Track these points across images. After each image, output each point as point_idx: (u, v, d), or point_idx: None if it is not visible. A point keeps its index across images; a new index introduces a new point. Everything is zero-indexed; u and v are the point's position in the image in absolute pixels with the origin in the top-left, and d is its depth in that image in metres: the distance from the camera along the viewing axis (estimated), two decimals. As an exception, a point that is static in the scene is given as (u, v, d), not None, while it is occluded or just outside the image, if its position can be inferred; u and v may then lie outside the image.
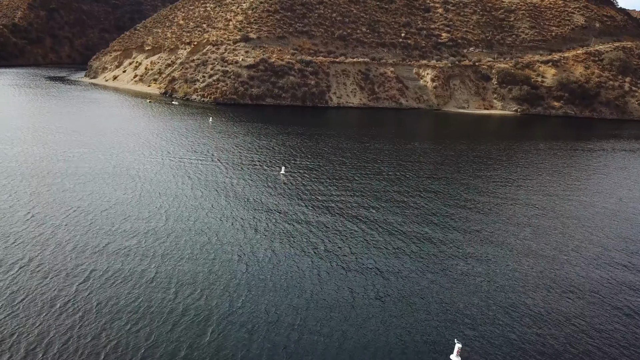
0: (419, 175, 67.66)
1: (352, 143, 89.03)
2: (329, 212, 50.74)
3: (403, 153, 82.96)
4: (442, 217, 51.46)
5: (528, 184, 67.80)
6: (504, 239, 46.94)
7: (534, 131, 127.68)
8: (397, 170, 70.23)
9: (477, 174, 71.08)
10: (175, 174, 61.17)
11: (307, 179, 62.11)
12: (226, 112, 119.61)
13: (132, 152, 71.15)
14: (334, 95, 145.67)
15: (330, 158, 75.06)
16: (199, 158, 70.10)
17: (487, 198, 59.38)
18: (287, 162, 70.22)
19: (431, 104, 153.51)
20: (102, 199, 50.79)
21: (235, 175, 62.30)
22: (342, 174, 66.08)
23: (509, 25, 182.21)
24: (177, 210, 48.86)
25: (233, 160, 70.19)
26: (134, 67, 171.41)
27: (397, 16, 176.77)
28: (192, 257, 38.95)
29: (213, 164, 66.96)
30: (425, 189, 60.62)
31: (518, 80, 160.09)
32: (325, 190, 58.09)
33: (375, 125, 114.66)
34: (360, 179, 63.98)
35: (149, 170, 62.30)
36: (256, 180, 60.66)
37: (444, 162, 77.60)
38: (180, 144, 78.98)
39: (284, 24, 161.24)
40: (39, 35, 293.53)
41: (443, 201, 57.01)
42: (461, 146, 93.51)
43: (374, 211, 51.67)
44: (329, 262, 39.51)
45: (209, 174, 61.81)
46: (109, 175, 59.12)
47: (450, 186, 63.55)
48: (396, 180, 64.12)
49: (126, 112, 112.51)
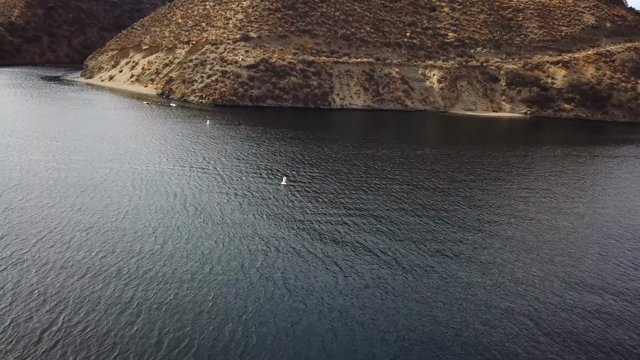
0: (436, 189, 62.16)
1: (358, 149, 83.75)
2: (335, 237, 45.42)
3: (414, 160, 77.63)
4: (463, 245, 46.12)
5: (561, 201, 62.51)
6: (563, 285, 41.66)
7: (547, 135, 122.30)
8: (410, 181, 64.81)
9: (500, 189, 65.72)
10: (168, 186, 55.91)
11: (311, 192, 56.81)
12: (225, 114, 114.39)
13: (122, 161, 65.89)
14: (337, 97, 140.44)
15: (336, 166, 69.75)
16: (194, 167, 64.86)
17: (522, 224, 53.98)
18: (289, 171, 64.96)
19: (437, 106, 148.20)
20: (84, 216, 45.54)
21: (232, 187, 57.05)
22: (349, 185, 60.76)
23: (517, 25, 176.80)
24: (167, 229, 43.63)
25: (230, 169, 64.93)
26: (131, 67, 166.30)
27: (402, 15, 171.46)
28: (180, 289, 33.75)
29: (209, 174, 61.71)
30: (444, 208, 54.99)
31: (527, 81, 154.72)
32: (331, 207, 52.79)
33: (381, 129, 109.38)
34: (369, 192, 58.63)
35: (139, 181, 57.05)
36: (255, 193, 55.39)
37: (461, 172, 72.20)
38: (175, 151, 73.75)
39: (286, 22, 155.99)
40: (36, 34, 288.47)
41: (464, 223, 51.71)
42: (475, 152, 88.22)
43: (387, 238, 46.24)
44: (342, 301, 34.29)
45: (204, 186, 56.55)
46: (94, 187, 53.83)
47: (474, 206, 58.19)
48: (411, 195, 58.65)
49: (120, 114, 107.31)
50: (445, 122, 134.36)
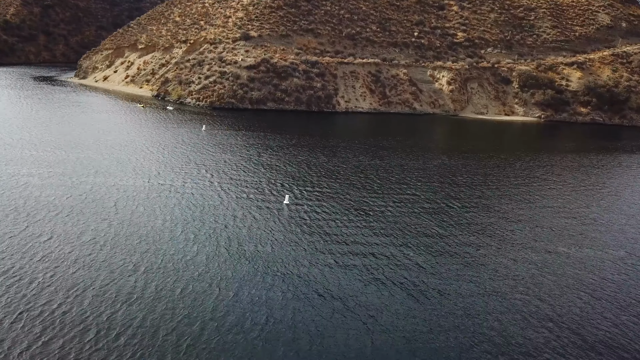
0: (463, 207, 55.01)
1: (369, 158, 76.62)
2: (348, 267, 38.39)
3: (433, 171, 70.48)
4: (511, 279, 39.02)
5: (603, 223, 55.41)
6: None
7: (567, 141, 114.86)
8: (433, 198, 57.62)
9: (535, 205, 58.61)
10: (155, 207, 48.85)
11: (318, 213, 49.69)
12: (223, 118, 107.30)
13: (107, 174, 58.84)
14: (342, 99, 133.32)
15: (345, 180, 62.63)
16: (187, 182, 57.80)
17: (570, 251, 46.93)
18: (292, 187, 57.87)
19: (447, 109, 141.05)
20: (52, 249, 38.47)
21: (229, 208, 49.98)
22: (362, 203, 53.63)
23: (529, 25, 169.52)
24: (151, 267, 36.62)
25: (227, 185, 57.82)
26: (126, 67, 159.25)
27: (410, 14, 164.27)
28: (168, 341, 26.72)
29: (203, 192, 54.63)
30: (478, 231, 47.99)
31: (541, 83, 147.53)
32: (342, 229, 45.71)
33: (391, 135, 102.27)
34: (386, 210, 51.52)
35: (123, 201, 49.99)
36: (255, 215, 48.31)
37: (486, 185, 65.09)
38: (166, 163, 66.68)
39: (288, 21, 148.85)
40: (32, 33, 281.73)
41: (505, 248, 44.61)
42: (496, 161, 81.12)
43: (412, 267, 39.23)
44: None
45: (197, 208, 49.47)
46: (70, 209, 46.73)
47: (511, 222, 51.10)
48: (434, 214, 51.49)
49: (111, 119, 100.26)
50: (456, 126, 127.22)
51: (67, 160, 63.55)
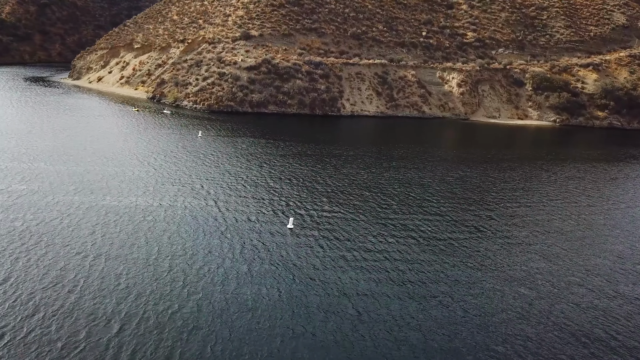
0: (501, 229, 48.23)
1: (382, 170, 69.74)
2: (373, 321, 31.57)
3: (455, 185, 63.59)
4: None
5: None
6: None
7: (590, 148, 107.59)
8: (459, 216, 50.77)
9: (579, 222, 51.77)
10: (140, 234, 42.12)
11: (328, 241, 42.87)
12: (221, 123, 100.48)
13: (89, 192, 52.05)
14: (347, 102, 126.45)
15: (358, 198, 55.73)
16: (178, 201, 51.02)
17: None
18: (296, 206, 51.04)
19: (457, 113, 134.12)
20: (15, 295, 31.64)
21: (225, 234, 43.20)
22: (379, 227, 46.75)
23: (541, 24, 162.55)
24: (132, 316, 29.86)
25: (223, 204, 51.01)
26: (121, 68, 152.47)
27: (417, 13, 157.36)
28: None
29: (195, 213, 47.84)
30: (538, 256, 41.14)
31: (555, 86, 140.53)
32: (358, 265, 38.90)
33: (402, 141, 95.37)
34: (410, 238, 44.66)
35: (102, 228, 43.18)
36: (255, 243, 41.54)
37: (517, 200, 58.23)
38: (156, 177, 59.90)
39: (290, 20, 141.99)
40: (28, 32, 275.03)
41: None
42: (521, 172, 74.23)
43: (458, 323, 32.43)
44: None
45: (189, 234, 42.70)
46: (37, 241, 39.90)
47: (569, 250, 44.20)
48: (467, 246, 44.68)
49: (101, 125, 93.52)
50: (469, 131, 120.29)
51: (46, 174, 56.79)
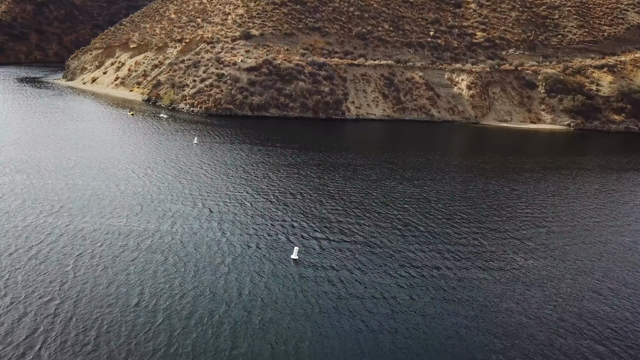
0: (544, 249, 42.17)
1: (395, 182, 63.67)
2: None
3: (479, 201, 57.55)
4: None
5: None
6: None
7: (612, 156, 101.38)
8: (490, 245, 44.75)
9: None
10: (120, 274, 36.01)
11: (338, 273, 36.79)
12: (218, 128, 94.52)
13: (68, 214, 45.99)
14: (352, 105, 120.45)
15: (371, 218, 49.53)
16: (167, 224, 45.01)
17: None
18: (301, 229, 44.90)
19: (467, 116, 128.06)
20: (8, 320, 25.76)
21: (220, 265, 37.20)
22: (398, 259, 40.62)
23: (553, 24, 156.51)
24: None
25: (218, 227, 44.97)
26: (116, 68, 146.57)
27: (424, 11, 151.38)
28: None
29: (188, 239, 41.83)
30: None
31: (569, 88, 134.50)
32: (378, 307, 32.89)
33: (412, 148, 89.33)
34: (435, 277, 38.58)
35: (83, 260, 37.20)
36: (255, 278, 35.53)
37: (552, 219, 52.20)
38: (147, 193, 53.92)
39: (293, 18, 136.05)
40: (24, 31, 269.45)
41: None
42: (547, 184, 68.24)
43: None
44: None
45: (179, 264, 36.72)
46: (11, 272, 33.93)
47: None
48: (508, 286, 38.67)
49: (92, 131, 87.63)
50: (481, 137, 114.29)
51: (21, 190, 50.84)
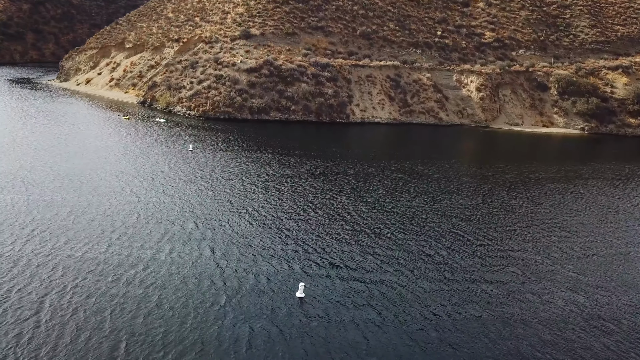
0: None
1: (409, 195, 58.08)
2: None
3: (507, 220, 51.93)
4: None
5: None
6: None
7: (636, 163, 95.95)
8: (533, 280, 39.18)
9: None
10: (108, 306, 30.55)
11: (349, 312, 31.16)
12: (216, 133, 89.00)
13: (40, 239, 40.42)
14: (357, 108, 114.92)
15: (387, 241, 43.81)
16: (162, 249, 39.48)
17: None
18: (307, 259, 39.05)
19: (477, 120, 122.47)
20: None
21: (211, 309, 31.64)
22: (420, 293, 35.01)
23: (564, 24, 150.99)
24: None
25: (210, 256, 39.37)
26: (111, 69, 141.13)
27: (431, 10, 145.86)
28: None
29: (178, 272, 36.27)
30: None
31: (583, 90, 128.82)
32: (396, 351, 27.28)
33: (424, 154, 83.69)
34: (471, 314, 32.91)
35: (51, 301, 31.67)
36: (255, 324, 29.86)
37: (599, 247, 46.69)
38: (138, 211, 48.40)
39: (295, 17, 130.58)
40: (19, 31, 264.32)
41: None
42: (580, 194, 62.66)
43: None
44: None
45: (164, 312, 31.17)
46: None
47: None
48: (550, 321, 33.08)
49: (81, 138, 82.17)
50: (493, 141, 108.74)
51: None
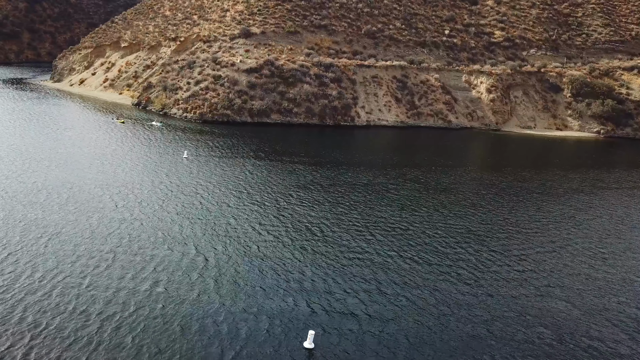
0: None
1: (429, 210, 52.54)
2: None
3: (538, 238, 46.57)
4: None
5: None
6: None
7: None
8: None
9: None
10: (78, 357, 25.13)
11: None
12: (213, 137, 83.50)
13: (14, 263, 34.98)
14: (362, 110, 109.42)
15: (408, 276, 38.20)
16: (137, 282, 34.06)
17: None
18: (317, 301, 33.06)
19: (487, 123, 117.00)
20: None
21: (212, 351, 26.17)
22: (459, 346, 29.46)
23: (576, 22, 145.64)
24: None
25: (204, 297, 33.93)
26: (106, 69, 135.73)
27: (438, 9, 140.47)
28: None
29: (151, 319, 30.82)
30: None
31: (598, 92, 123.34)
32: None
33: (437, 162, 78.12)
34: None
35: (21, 346, 26.26)
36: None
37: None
38: (122, 232, 42.97)
39: (297, 15, 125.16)
40: (15, 30, 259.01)
41: None
42: (611, 208, 57.21)
43: None
44: None
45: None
46: None
47: None
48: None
49: (70, 143, 76.77)
50: (507, 146, 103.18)
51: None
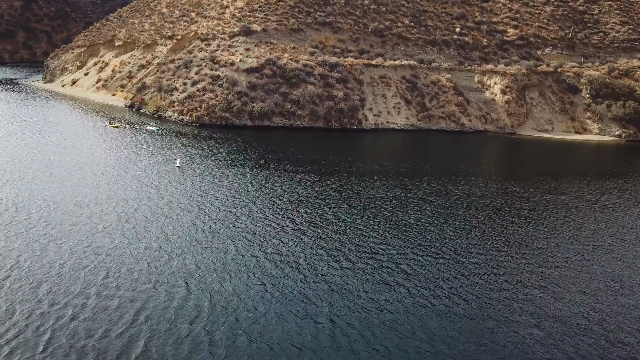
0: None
1: (449, 231, 45.95)
2: None
3: (585, 268, 39.97)
4: None
5: None
6: None
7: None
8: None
9: None
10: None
11: None
12: (210, 143, 76.79)
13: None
14: (370, 113, 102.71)
15: (430, 305, 31.80)
16: (130, 341, 27.50)
17: None
18: (331, 330, 27.00)
19: (502, 125, 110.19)
20: None
21: None
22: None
23: (593, 20, 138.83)
24: None
25: (203, 351, 27.38)
26: (99, 69, 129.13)
27: (448, 5, 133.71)
28: None
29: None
30: None
31: (618, 93, 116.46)
32: None
33: (453, 169, 71.34)
34: None
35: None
36: None
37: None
38: (106, 261, 36.46)
39: (300, 12, 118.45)
40: (10, 29, 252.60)
41: None
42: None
43: None
44: None
45: None
46: None
47: None
48: None
49: (54, 149, 70.18)
50: (525, 151, 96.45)
51: None
